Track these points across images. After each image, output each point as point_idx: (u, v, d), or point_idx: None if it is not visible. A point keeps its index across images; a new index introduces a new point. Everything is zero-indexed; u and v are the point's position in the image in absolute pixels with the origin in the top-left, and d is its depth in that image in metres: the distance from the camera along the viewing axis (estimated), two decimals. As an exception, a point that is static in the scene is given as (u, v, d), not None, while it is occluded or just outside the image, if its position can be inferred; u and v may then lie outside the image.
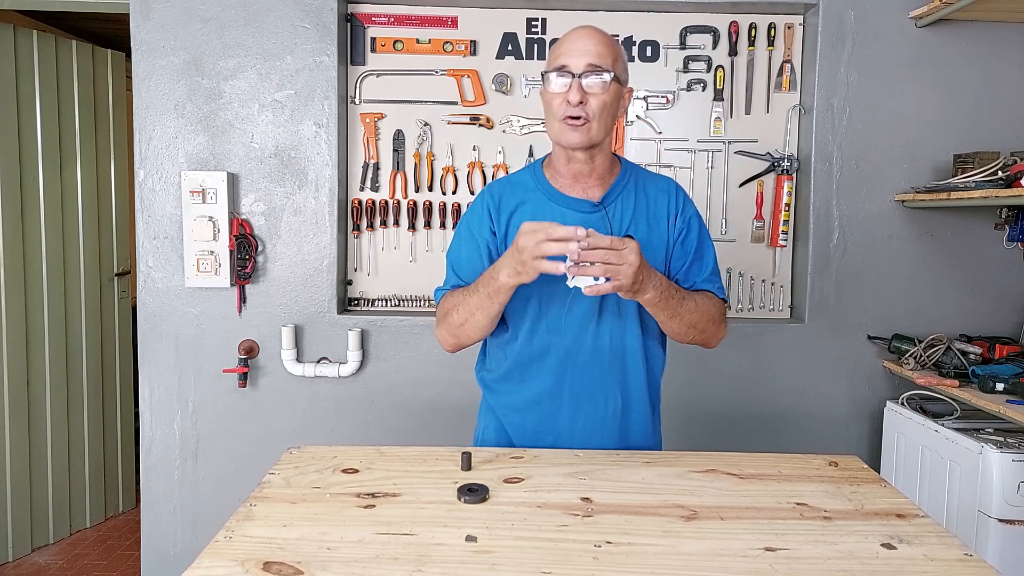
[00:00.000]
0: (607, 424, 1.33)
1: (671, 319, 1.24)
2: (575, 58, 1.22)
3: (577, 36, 1.24)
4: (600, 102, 1.22)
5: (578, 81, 1.21)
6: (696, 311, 1.26)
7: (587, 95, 1.21)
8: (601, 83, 1.21)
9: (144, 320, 2.27)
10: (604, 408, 1.32)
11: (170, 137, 2.23)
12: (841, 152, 2.24)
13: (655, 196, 1.34)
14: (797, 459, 1.28)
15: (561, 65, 1.23)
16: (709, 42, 2.32)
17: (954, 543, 0.96)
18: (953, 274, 2.28)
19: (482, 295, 1.22)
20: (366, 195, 2.35)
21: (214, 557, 0.90)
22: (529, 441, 1.36)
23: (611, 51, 1.24)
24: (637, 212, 1.31)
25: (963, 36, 2.21)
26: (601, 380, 1.31)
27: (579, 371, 1.30)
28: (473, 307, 1.24)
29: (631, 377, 1.33)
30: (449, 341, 1.33)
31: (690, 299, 1.26)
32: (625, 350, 1.31)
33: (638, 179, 1.35)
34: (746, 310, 2.37)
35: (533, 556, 0.91)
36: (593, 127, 1.23)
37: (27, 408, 2.73)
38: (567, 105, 1.22)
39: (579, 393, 1.31)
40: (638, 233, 1.29)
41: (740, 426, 2.30)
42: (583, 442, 1.33)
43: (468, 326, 1.27)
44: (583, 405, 1.32)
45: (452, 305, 1.28)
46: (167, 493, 2.30)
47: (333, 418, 2.30)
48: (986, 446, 1.77)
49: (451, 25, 2.31)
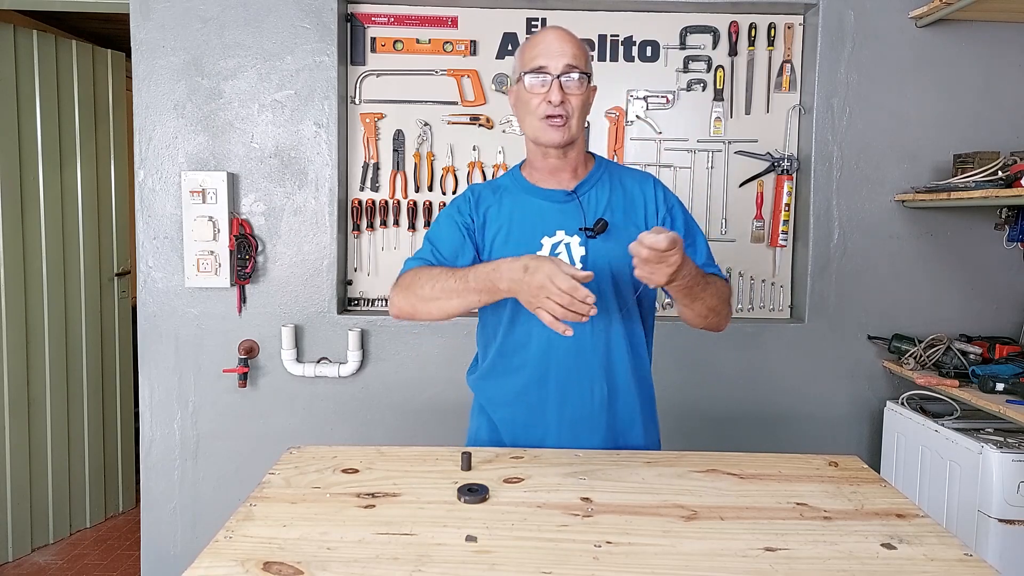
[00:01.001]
0: (594, 414, 1.33)
1: (693, 303, 1.23)
2: (553, 59, 1.26)
3: (552, 38, 1.29)
4: (579, 100, 1.28)
5: (558, 81, 1.25)
6: (715, 294, 1.26)
7: (566, 95, 1.26)
8: (578, 82, 1.27)
9: (144, 320, 2.27)
10: (590, 397, 1.32)
11: (170, 137, 2.23)
12: (841, 152, 2.24)
13: (631, 187, 1.36)
14: (797, 459, 1.28)
15: (540, 66, 1.27)
16: (709, 42, 2.32)
17: (954, 543, 0.96)
18: (953, 274, 2.28)
19: (469, 286, 1.20)
20: (366, 195, 2.35)
21: (214, 557, 0.90)
22: (520, 435, 1.36)
23: (584, 51, 1.30)
24: (613, 201, 1.33)
25: (963, 36, 2.21)
26: (586, 368, 1.32)
27: (562, 360, 1.31)
28: (452, 291, 1.22)
29: (616, 364, 1.33)
30: (404, 309, 1.30)
31: (710, 283, 1.24)
32: (609, 337, 1.32)
33: (613, 172, 1.38)
34: (746, 310, 2.37)
35: (533, 556, 0.91)
36: (572, 124, 1.28)
37: (27, 408, 2.73)
38: (548, 105, 1.26)
39: (564, 382, 1.32)
40: (613, 220, 1.31)
41: (740, 426, 2.30)
42: (571, 433, 1.33)
43: (437, 305, 1.25)
44: (569, 394, 1.32)
45: (428, 278, 1.26)
46: (167, 493, 2.30)
47: (333, 418, 2.30)
48: (986, 446, 1.77)
49: (451, 25, 2.31)
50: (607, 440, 1.34)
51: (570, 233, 1.30)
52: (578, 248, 1.30)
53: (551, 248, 1.30)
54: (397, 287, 1.32)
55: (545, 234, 1.31)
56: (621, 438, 1.36)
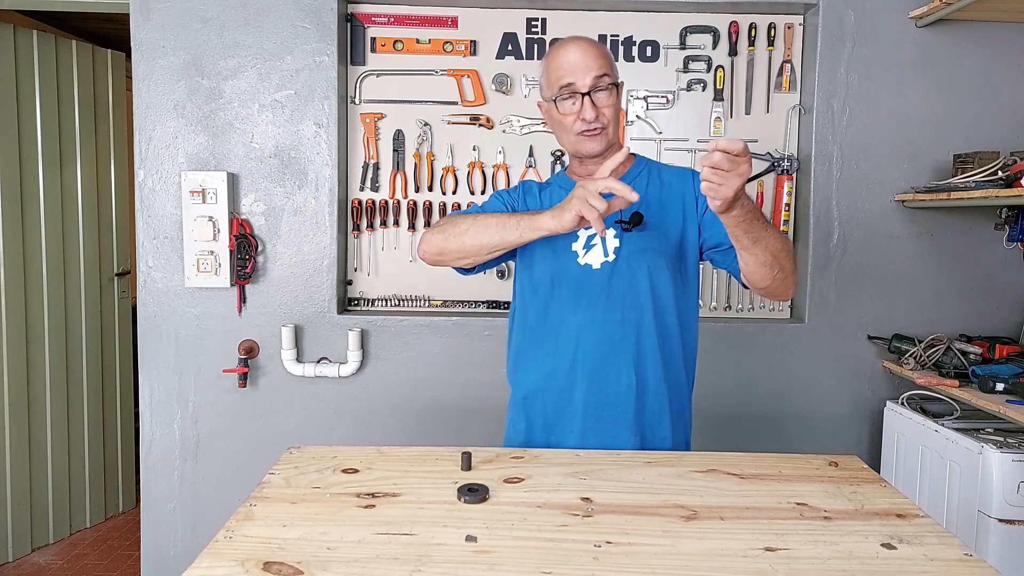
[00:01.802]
0: (620, 401, 1.33)
1: (755, 243, 1.15)
2: (579, 76, 1.28)
3: (576, 55, 1.29)
4: (612, 109, 1.31)
5: (588, 98, 1.28)
6: (777, 239, 1.18)
7: (599, 108, 1.29)
8: (608, 93, 1.29)
9: (144, 320, 2.27)
10: (616, 384, 1.33)
11: (170, 137, 2.23)
12: (841, 152, 2.24)
13: (671, 181, 1.38)
14: (797, 459, 1.28)
15: (568, 84, 1.29)
16: (709, 42, 2.32)
17: (954, 543, 0.96)
18: (953, 274, 2.28)
19: (511, 221, 1.23)
20: (366, 195, 2.35)
21: (214, 557, 0.90)
22: (551, 421, 1.38)
23: (607, 58, 1.32)
24: (650, 195, 1.35)
25: (963, 36, 2.21)
26: (613, 357, 1.32)
27: (591, 345, 1.33)
28: (490, 225, 1.25)
29: (646, 357, 1.33)
30: (435, 244, 1.32)
31: (771, 227, 1.19)
32: (640, 328, 1.32)
33: (652, 169, 1.41)
34: (746, 310, 2.37)
35: (533, 556, 0.91)
36: (609, 131, 1.32)
37: (27, 408, 2.73)
38: (583, 122, 1.29)
39: (591, 367, 1.33)
40: (649, 214, 1.33)
41: (740, 426, 2.30)
42: (597, 420, 1.34)
43: (472, 234, 1.26)
44: (595, 380, 1.33)
45: (465, 217, 1.30)
46: (167, 493, 2.30)
47: (333, 418, 2.30)
48: (986, 446, 1.77)
49: (451, 25, 2.31)
50: (635, 432, 1.35)
51: (606, 225, 1.32)
52: (612, 240, 1.33)
53: (587, 239, 1.34)
54: (431, 228, 1.35)
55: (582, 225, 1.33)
56: (649, 431, 1.36)
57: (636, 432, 1.35)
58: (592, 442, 1.34)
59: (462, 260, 1.32)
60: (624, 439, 1.34)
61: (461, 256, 1.31)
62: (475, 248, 1.28)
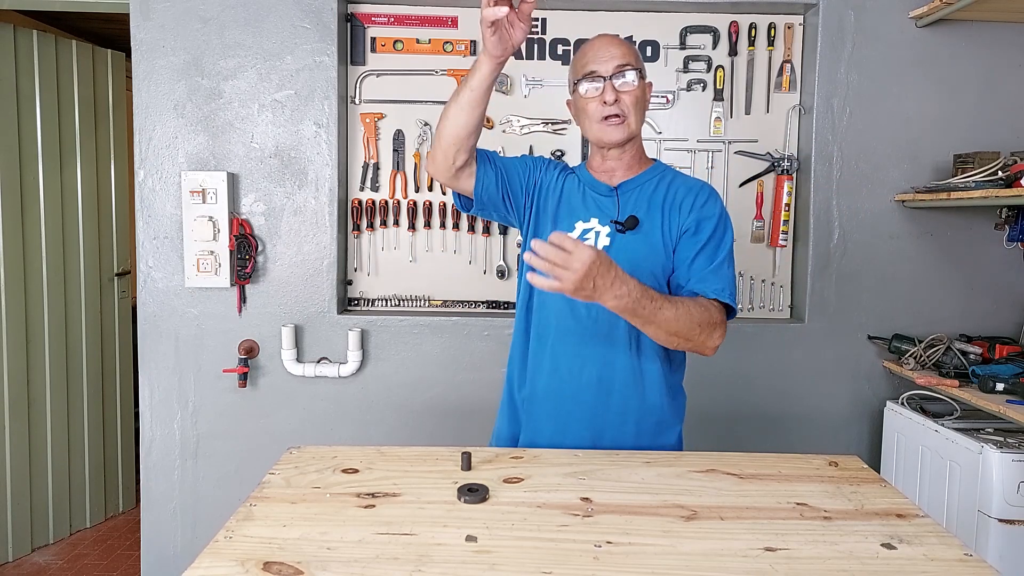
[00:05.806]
0: (581, 391, 1.36)
1: (645, 326, 1.21)
2: (602, 63, 1.33)
3: (600, 44, 1.35)
4: (633, 97, 1.33)
5: (610, 83, 1.32)
6: (677, 320, 1.20)
7: (620, 93, 1.32)
8: (630, 80, 1.32)
9: (144, 320, 2.27)
10: (579, 373, 1.36)
11: (170, 137, 2.23)
12: (841, 152, 2.24)
13: (678, 191, 1.37)
14: (797, 459, 1.28)
15: (591, 71, 1.33)
16: (709, 42, 2.32)
17: (954, 543, 0.96)
18: (953, 274, 2.28)
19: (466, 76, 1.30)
20: (366, 195, 2.35)
21: (214, 557, 0.90)
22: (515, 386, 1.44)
23: (633, 51, 1.36)
24: (652, 202, 1.36)
25: (963, 36, 2.21)
26: (582, 347, 1.36)
27: (563, 334, 1.37)
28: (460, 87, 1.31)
29: (617, 354, 1.35)
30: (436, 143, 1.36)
31: (670, 307, 1.19)
32: (614, 326, 1.34)
33: (665, 177, 1.41)
34: (746, 310, 2.37)
35: (533, 556, 0.91)
36: (631, 121, 1.34)
37: (27, 408, 2.73)
38: (604, 106, 1.32)
39: (559, 356, 1.37)
40: (649, 220, 1.34)
41: (740, 426, 2.30)
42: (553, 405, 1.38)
43: (450, 109, 1.31)
44: (560, 368, 1.37)
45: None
46: (167, 493, 2.30)
47: (333, 418, 2.30)
48: (986, 446, 1.77)
49: (451, 25, 2.31)
50: (589, 427, 1.37)
51: (603, 223, 1.36)
52: (604, 238, 1.35)
53: (581, 232, 1.37)
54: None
55: (580, 219, 1.38)
56: (610, 431, 1.37)
57: (591, 427, 1.37)
58: (546, 428, 1.39)
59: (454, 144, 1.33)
60: (576, 432, 1.37)
61: (454, 137, 1.32)
62: (458, 114, 1.30)
